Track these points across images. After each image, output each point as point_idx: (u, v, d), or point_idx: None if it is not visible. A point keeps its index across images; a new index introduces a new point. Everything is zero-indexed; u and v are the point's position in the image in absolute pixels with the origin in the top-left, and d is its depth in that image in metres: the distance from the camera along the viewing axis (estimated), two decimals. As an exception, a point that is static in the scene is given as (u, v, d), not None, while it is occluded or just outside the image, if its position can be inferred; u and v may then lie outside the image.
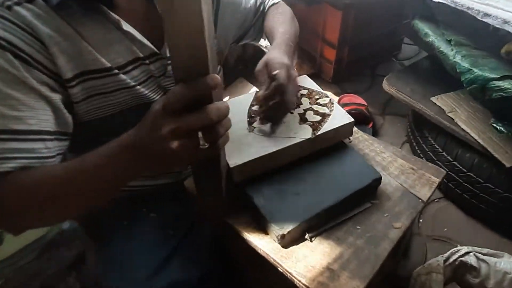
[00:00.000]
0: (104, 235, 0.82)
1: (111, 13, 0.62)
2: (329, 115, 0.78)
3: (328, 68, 1.94)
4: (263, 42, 1.91)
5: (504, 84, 0.85)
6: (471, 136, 1.11)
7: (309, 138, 0.73)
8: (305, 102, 0.82)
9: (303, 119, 0.77)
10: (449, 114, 1.18)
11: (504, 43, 0.98)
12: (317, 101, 0.82)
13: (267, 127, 0.76)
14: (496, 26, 0.87)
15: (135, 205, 0.88)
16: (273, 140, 0.73)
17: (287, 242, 0.67)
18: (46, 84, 0.58)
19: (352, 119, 0.77)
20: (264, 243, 0.68)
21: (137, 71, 0.69)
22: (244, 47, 1.97)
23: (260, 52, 1.97)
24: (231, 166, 0.69)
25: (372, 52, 2.01)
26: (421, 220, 1.30)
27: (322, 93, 0.85)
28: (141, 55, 0.68)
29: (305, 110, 0.79)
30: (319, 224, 0.70)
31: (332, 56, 1.88)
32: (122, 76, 0.66)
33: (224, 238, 0.87)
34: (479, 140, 1.09)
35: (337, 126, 0.75)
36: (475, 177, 1.16)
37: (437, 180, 0.80)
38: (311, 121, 0.76)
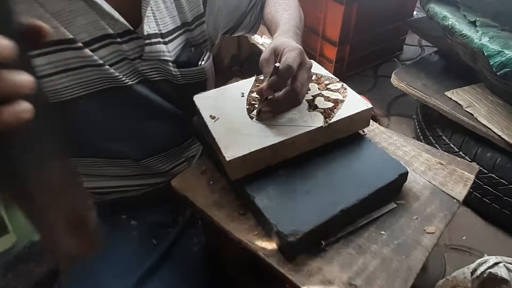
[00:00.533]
0: None
1: None
2: (342, 101, 0.66)
3: (328, 67, 1.83)
4: (260, 39, 1.80)
5: (542, 66, 0.74)
6: (494, 132, 1.00)
7: (321, 127, 0.61)
8: (314, 87, 0.70)
9: (312, 106, 0.65)
10: (467, 109, 1.08)
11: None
12: (327, 87, 0.70)
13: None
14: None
15: (114, 211, 0.75)
16: (278, 129, 0.61)
17: (297, 251, 0.54)
18: None
19: (370, 105, 0.66)
20: (269, 253, 0.55)
21: (106, 51, 0.57)
22: (239, 46, 1.86)
23: (257, 52, 1.86)
24: (227, 159, 0.56)
25: (374, 52, 1.92)
26: (437, 228, 1.18)
27: (332, 78, 0.73)
28: (111, 31, 0.56)
29: (314, 96, 0.67)
30: (335, 229, 0.57)
31: (332, 55, 1.78)
32: (87, 52, 0.54)
33: (219, 248, 0.73)
34: (504, 136, 0.98)
35: (352, 113, 0.63)
36: (497, 178, 1.05)
37: (472, 177, 0.68)
38: (322, 108, 0.64)
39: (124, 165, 0.72)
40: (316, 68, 0.77)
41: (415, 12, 2.00)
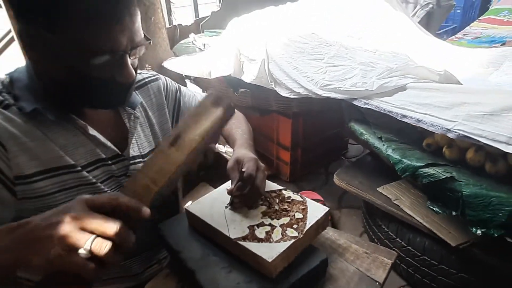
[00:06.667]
0: None
1: (79, 119, 0.70)
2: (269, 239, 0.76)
3: (284, 168, 2.08)
4: (223, 149, 2.06)
5: (429, 170, 0.99)
6: (417, 220, 1.21)
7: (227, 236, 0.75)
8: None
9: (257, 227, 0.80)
10: (395, 202, 1.30)
11: (424, 137, 1.17)
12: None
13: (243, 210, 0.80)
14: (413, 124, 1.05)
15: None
16: (228, 219, 0.78)
17: None
18: None
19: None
20: None
21: (98, 171, 0.73)
22: (205, 154, 2.10)
23: (220, 158, 2.10)
24: (185, 207, 0.77)
25: (323, 153, 2.22)
26: (390, 311, 1.29)
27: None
28: (103, 156, 0.73)
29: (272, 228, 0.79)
30: None
31: (287, 158, 2.05)
32: (84, 173, 0.70)
33: None
34: (424, 223, 1.18)
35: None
36: (429, 259, 1.22)
37: (390, 262, 0.85)
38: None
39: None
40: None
41: (353, 118, 2.38)
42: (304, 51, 1.42)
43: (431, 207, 1.04)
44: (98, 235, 0.44)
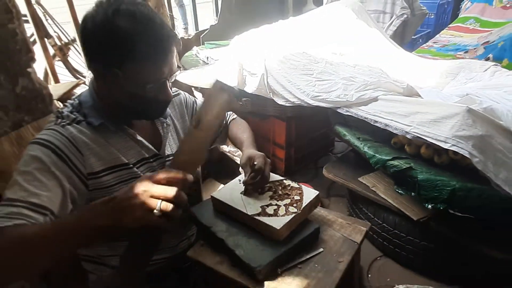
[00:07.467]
0: None
1: (130, 129, 0.96)
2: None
3: (280, 164, 2.40)
4: (226, 148, 2.36)
5: (395, 162, 1.31)
6: (389, 202, 1.53)
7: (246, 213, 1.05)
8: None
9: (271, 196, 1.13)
10: (372, 189, 1.62)
11: (391, 137, 1.50)
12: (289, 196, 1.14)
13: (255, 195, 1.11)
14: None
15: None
16: (247, 202, 1.07)
17: (263, 276, 0.94)
18: (68, 177, 0.82)
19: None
20: (245, 279, 0.96)
21: (143, 167, 0.99)
22: (211, 153, 2.39)
23: (223, 156, 2.40)
24: (211, 194, 1.08)
25: (313, 150, 2.53)
26: (369, 275, 1.62)
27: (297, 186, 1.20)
28: (147, 155, 0.99)
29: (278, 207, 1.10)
30: (285, 262, 1.00)
31: (282, 155, 2.36)
32: (134, 169, 0.95)
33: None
34: (394, 204, 1.51)
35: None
36: (399, 232, 1.55)
37: (365, 229, 1.17)
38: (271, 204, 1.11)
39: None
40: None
41: (338, 119, 2.70)
42: (296, 67, 1.72)
43: (397, 190, 1.37)
44: (163, 199, 0.63)
